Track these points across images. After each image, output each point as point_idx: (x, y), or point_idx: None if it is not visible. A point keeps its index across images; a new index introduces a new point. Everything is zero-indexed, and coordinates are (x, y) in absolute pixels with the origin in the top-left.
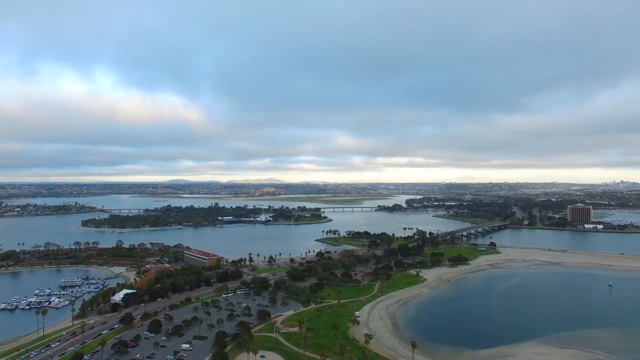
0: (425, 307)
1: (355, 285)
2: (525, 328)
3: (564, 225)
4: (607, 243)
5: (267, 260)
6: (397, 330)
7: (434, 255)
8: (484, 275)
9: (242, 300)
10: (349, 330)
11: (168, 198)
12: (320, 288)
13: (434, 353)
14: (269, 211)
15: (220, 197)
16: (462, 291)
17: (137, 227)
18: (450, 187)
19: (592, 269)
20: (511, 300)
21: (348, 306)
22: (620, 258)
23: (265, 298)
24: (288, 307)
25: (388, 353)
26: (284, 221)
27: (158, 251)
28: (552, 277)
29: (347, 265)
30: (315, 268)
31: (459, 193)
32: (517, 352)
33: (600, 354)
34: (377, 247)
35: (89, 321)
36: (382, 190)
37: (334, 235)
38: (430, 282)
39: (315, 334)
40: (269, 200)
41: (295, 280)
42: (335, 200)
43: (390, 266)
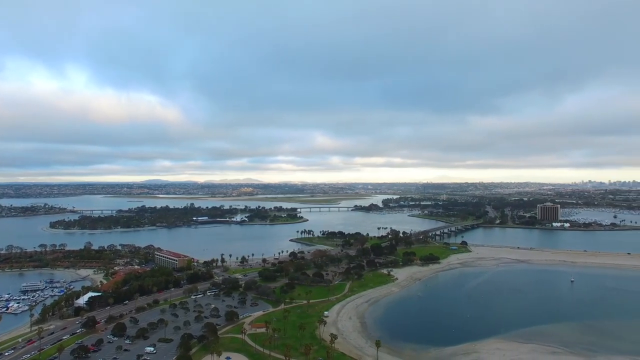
0: (395, 306)
1: (326, 285)
2: (490, 325)
3: (533, 223)
4: (572, 240)
5: (239, 260)
6: (365, 329)
7: (406, 255)
8: (454, 274)
9: (212, 301)
10: (317, 330)
11: (143, 198)
12: (291, 288)
13: (400, 351)
14: (245, 211)
15: (197, 197)
16: (431, 290)
17: (108, 228)
18: (426, 187)
19: (556, 266)
20: (478, 298)
21: (318, 306)
22: (583, 255)
23: (235, 299)
24: (257, 308)
25: (354, 352)
26: (260, 221)
27: (128, 253)
28: (519, 274)
29: (319, 265)
30: (287, 268)
31: (435, 193)
32: (481, 348)
33: (556, 348)
34: (350, 247)
35: (49, 326)
36: (360, 190)
37: (309, 235)
38: (401, 281)
39: (283, 335)
40: (247, 200)
41: (266, 280)
42: (313, 200)
43: (362, 266)
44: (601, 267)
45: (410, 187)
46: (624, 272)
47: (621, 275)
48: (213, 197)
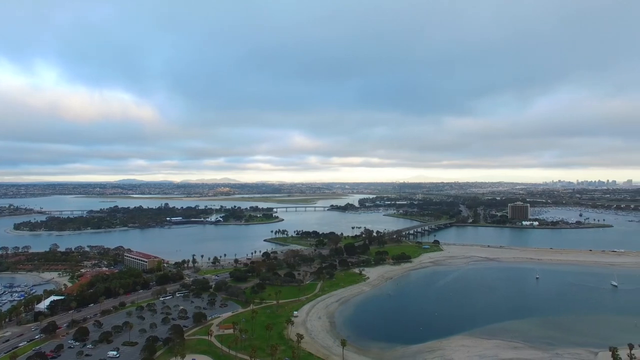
0: (365, 305)
1: (297, 285)
2: (457, 322)
3: (504, 222)
4: (540, 238)
5: (211, 261)
6: (334, 328)
7: (378, 254)
8: (425, 272)
9: (181, 303)
10: (285, 331)
11: (116, 199)
12: (261, 289)
13: (367, 350)
14: (220, 211)
15: (172, 197)
16: (402, 288)
17: (77, 229)
18: (403, 186)
19: (523, 263)
20: (447, 296)
21: (288, 306)
22: (549, 252)
23: (204, 300)
24: (227, 309)
25: (321, 352)
26: (235, 221)
27: (97, 254)
28: (487, 272)
29: (291, 265)
30: (258, 268)
31: (411, 192)
32: (446, 345)
33: (518, 343)
34: (324, 247)
35: (4, 333)
36: (337, 190)
37: (283, 235)
38: (373, 280)
39: (251, 335)
40: (223, 200)
41: (237, 281)
42: (290, 200)
43: (334, 265)
44: (565, 264)
45: (387, 187)
46: (585, 268)
47: (582, 271)
48: (189, 197)
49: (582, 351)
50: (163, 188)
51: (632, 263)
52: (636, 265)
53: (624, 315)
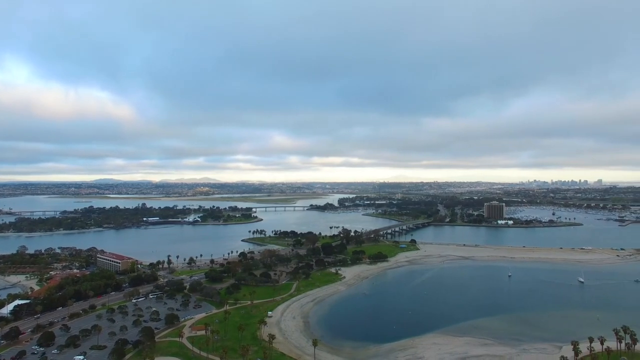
0: (340, 304)
1: (273, 285)
2: (430, 320)
3: (480, 221)
4: (514, 237)
5: (187, 262)
6: (308, 328)
7: (355, 253)
8: (401, 272)
9: (153, 304)
10: (258, 331)
11: (92, 199)
12: (236, 289)
13: (339, 349)
14: (199, 211)
15: (150, 197)
16: (377, 287)
17: (49, 230)
18: (383, 186)
19: (497, 261)
20: (421, 295)
21: (262, 306)
22: (522, 250)
23: (178, 301)
24: (201, 310)
25: (294, 352)
26: (213, 221)
27: (68, 256)
28: (462, 270)
29: (268, 265)
30: (234, 269)
31: (391, 192)
32: (418, 343)
33: (488, 340)
34: (301, 247)
35: None
36: (318, 190)
37: (261, 235)
38: (349, 279)
39: (223, 337)
40: (202, 200)
41: (213, 281)
42: (270, 199)
43: (311, 265)
44: (536, 262)
45: (368, 187)
46: (555, 265)
47: (552, 268)
48: (167, 197)
49: (547, 346)
50: (141, 188)
51: (598, 260)
52: (601, 262)
53: (588, 310)
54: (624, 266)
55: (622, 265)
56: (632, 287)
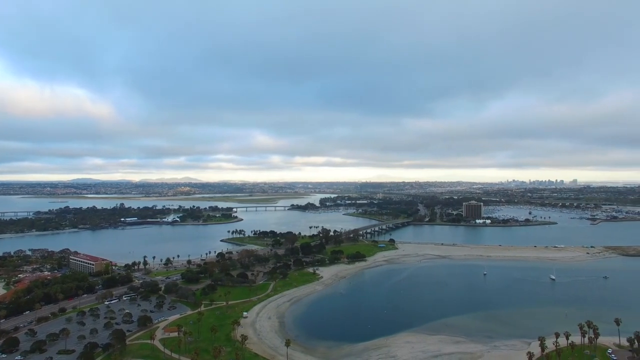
0: (316, 304)
1: (250, 285)
2: (405, 319)
3: (459, 220)
4: (492, 236)
5: (163, 262)
6: (283, 328)
7: (333, 253)
8: (378, 271)
9: (127, 306)
10: (233, 332)
11: (69, 199)
12: (212, 290)
13: (313, 349)
14: (178, 211)
15: (130, 197)
16: (354, 287)
17: (20, 231)
18: (365, 186)
19: (473, 260)
20: (398, 294)
21: (238, 307)
22: (498, 249)
23: (152, 303)
24: (175, 311)
25: (268, 352)
26: (193, 221)
27: (40, 258)
28: (439, 269)
29: (245, 266)
30: (211, 269)
31: (372, 192)
32: (392, 342)
33: (460, 338)
34: (280, 246)
35: None
36: (300, 190)
37: (240, 235)
38: (326, 279)
39: (197, 338)
40: (182, 200)
41: (189, 282)
42: (251, 199)
43: (289, 265)
44: (511, 260)
45: (349, 187)
46: (529, 263)
47: (526, 266)
48: (147, 197)
49: (517, 342)
50: (120, 188)
51: (569, 257)
52: (572, 260)
53: (558, 306)
54: (593, 263)
55: (592, 263)
56: (600, 283)
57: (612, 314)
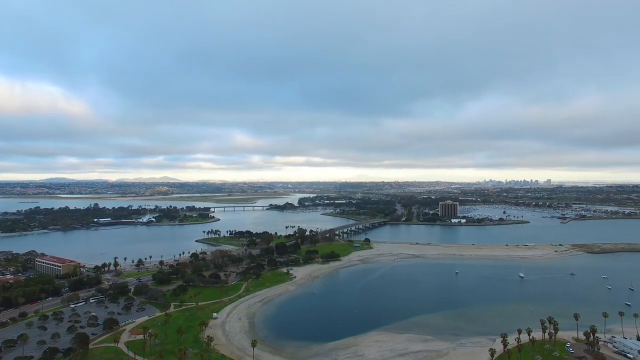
0: (288, 304)
1: (222, 285)
2: (375, 318)
3: (435, 220)
4: (466, 235)
5: (135, 263)
6: (252, 329)
7: (308, 253)
8: (352, 270)
9: (93, 309)
10: (201, 333)
11: (40, 199)
12: (183, 291)
13: (282, 349)
14: (155, 211)
15: (105, 197)
16: (327, 287)
17: None
18: (345, 185)
19: (447, 259)
20: (370, 293)
21: (208, 308)
22: (471, 248)
23: (120, 305)
24: (144, 313)
25: (235, 353)
26: (169, 222)
27: (3, 261)
28: (412, 268)
29: (219, 266)
30: (183, 270)
31: (352, 191)
32: (361, 341)
33: (428, 336)
34: (255, 246)
35: None
36: (279, 189)
37: (215, 235)
38: (299, 279)
39: (164, 340)
40: (160, 200)
41: (160, 283)
42: (229, 199)
43: (262, 265)
44: (483, 259)
45: (329, 186)
46: (500, 262)
47: (497, 264)
48: (123, 197)
49: (483, 339)
50: (96, 187)
51: (538, 255)
52: (541, 258)
53: (524, 303)
54: (560, 261)
55: (559, 260)
56: (566, 279)
57: (574, 310)
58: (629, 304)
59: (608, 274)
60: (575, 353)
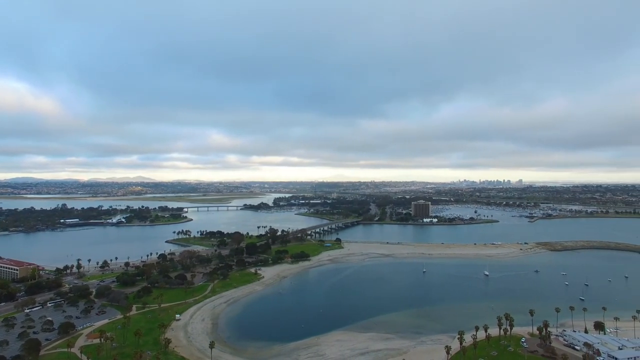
0: (253, 305)
1: (187, 287)
2: (339, 318)
3: (407, 219)
4: (437, 234)
5: (100, 265)
6: (215, 330)
7: (278, 253)
8: (321, 270)
9: (50, 313)
10: (162, 335)
11: (4, 199)
12: (147, 292)
13: (243, 350)
14: (126, 212)
15: (75, 197)
16: (295, 286)
17: None
18: (322, 185)
19: (415, 258)
20: (337, 293)
21: (172, 309)
22: (440, 247)
23: (79, 308)
24: (104, 316)
25: (195, 355)
26: (139, 222)
27: None
28: (381, 267)
29: (186, 267)
30: (149, 271)
31: (328, 191)
32: (323, 341)
33: (390, 334)
34: (226, 247)
35: None
36: (256, 189)
37: (186, 236)
38: (267, 279)
39: (122, 344)
40: (133, 200)
41: (124, 285)
42: (204, 199)
43: (230, 265)
44: (451, 258)
45: (306, 186)
46: (467, 260)
47: (464, 263)
48: (95, 197)
49: (443, 337)
50: (66, 187)
51: (504, 254)
52: (507, 256)
53: (486, 301)
54: (524, 258)
55: (523, 258)
56: (529, 276)
57: (532, 305)
58: (582, 299)
59: (567, 270)
60: (528, 347)
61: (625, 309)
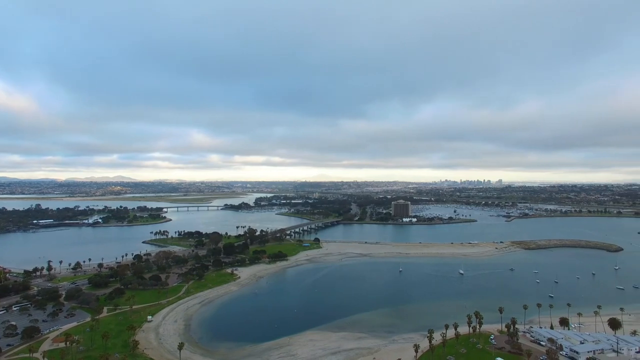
0: (228, 305)
1: (161, 288)
2: (313, 317)
3: (387, 219)
4: (416, 233)
5: (72, 267)
6: (187, 332)
7: (255, 253)
8: (299, 270)
9: (15, 317)
10: (132, 338)
11: None
12: (120, 294)
13: (214, 351)
14: (103, 212)
15: (51, 197)
16: (271, 287)
17: None
18: (303, 185)
19: (393, 257)
20: (312, 292)
21: (144, 311)
22: (417, 246)
23: (47, 311)
24: (73, 319)
25: (165, 357)
26: (117, 222)
27: None
28: (358, 267)
29: (162, 267)
30: (122, 272)
31: (310, 191)
32: (295, 341)
33: (362, 334)
34: (203, 247)
35: None
36: (238, 189)
37: (163, 236)
38: (243, 279)
39: (90, 347)
40: (111, 200)
41: (96, 287)
42: (185, 199)
43: (206, 266)
44: (427, 257)
45: (288, 186)
46: (443, 259)
47: (440, 262)
48: (72, 197)
49: (415, 335)
50: (41, 187)
51: (480, 253)
52: (481, 255)
53: (459, 299)
54: (499, 257)
55: (498, 257)
56: (502, 274)
57: (503, 303)
58: (552, 296)
59: (539, 268)
60: (496, 344)
61: (588, 305)
